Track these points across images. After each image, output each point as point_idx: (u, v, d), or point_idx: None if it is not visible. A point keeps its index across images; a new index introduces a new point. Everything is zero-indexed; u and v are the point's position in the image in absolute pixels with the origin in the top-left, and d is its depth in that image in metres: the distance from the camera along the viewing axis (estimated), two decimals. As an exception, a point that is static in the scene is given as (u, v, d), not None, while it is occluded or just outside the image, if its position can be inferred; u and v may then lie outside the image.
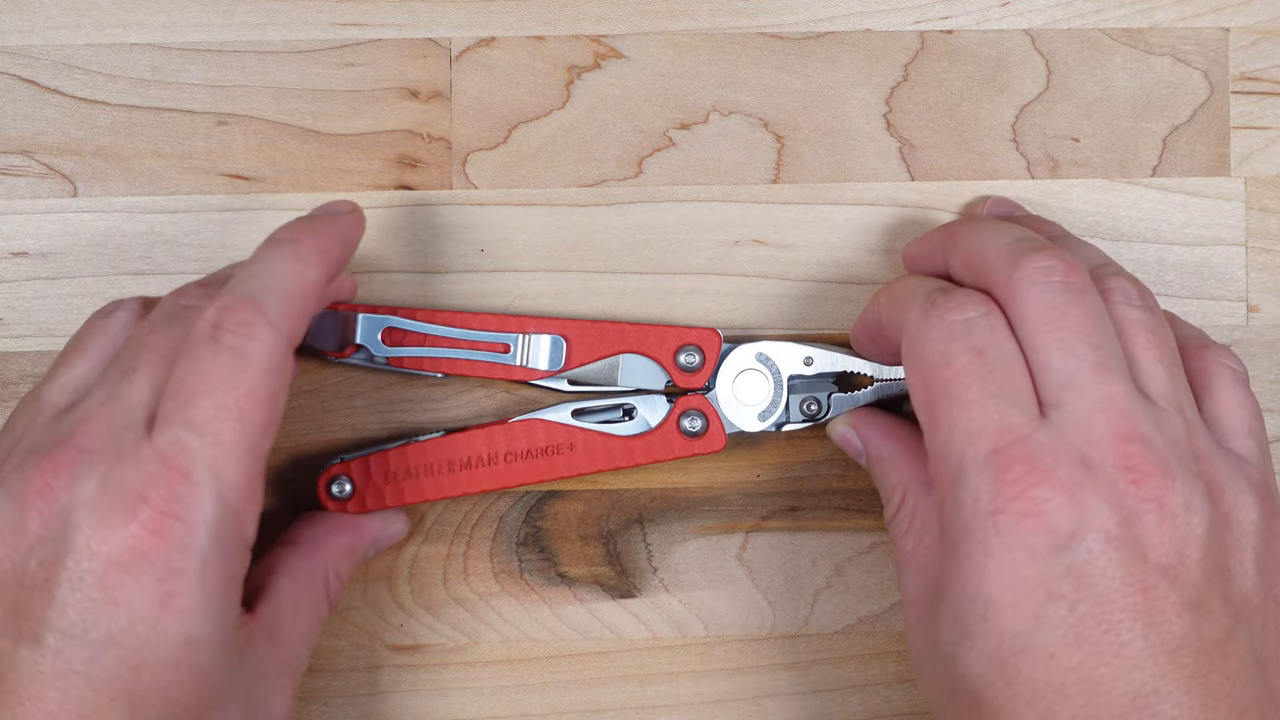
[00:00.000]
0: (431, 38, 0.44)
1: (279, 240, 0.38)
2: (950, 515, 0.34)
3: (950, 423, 0.34)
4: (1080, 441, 0.34)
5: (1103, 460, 0.33)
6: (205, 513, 0.34)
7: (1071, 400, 0.34)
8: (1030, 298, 0.35)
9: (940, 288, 0.37)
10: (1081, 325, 0.35)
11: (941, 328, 0.35)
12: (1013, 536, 0.33)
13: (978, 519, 0.33)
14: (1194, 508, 0.34)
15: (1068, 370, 0.34)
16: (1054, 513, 0.33)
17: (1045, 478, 0.33)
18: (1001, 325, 0.35)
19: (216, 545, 0.34)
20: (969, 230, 0.39)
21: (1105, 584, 0.33)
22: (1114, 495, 0.33)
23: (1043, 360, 0.35)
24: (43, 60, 0.44)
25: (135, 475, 0.34)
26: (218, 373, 0.34)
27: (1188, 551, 0.33)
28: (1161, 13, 0.45)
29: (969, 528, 0.34)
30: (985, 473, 0.33)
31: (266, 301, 0.35)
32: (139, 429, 0.34)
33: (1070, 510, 0.33)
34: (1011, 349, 0.35)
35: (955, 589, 0.34)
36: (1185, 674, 0.33)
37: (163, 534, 0.33)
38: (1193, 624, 0.33)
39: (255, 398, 0.35)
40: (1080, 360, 0.34)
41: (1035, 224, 0.42)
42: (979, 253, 0.37)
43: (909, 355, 0.36)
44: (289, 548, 0.41)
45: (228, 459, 0.34)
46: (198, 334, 0.35)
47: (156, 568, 0.33)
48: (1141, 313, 0.37)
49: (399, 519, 0.43)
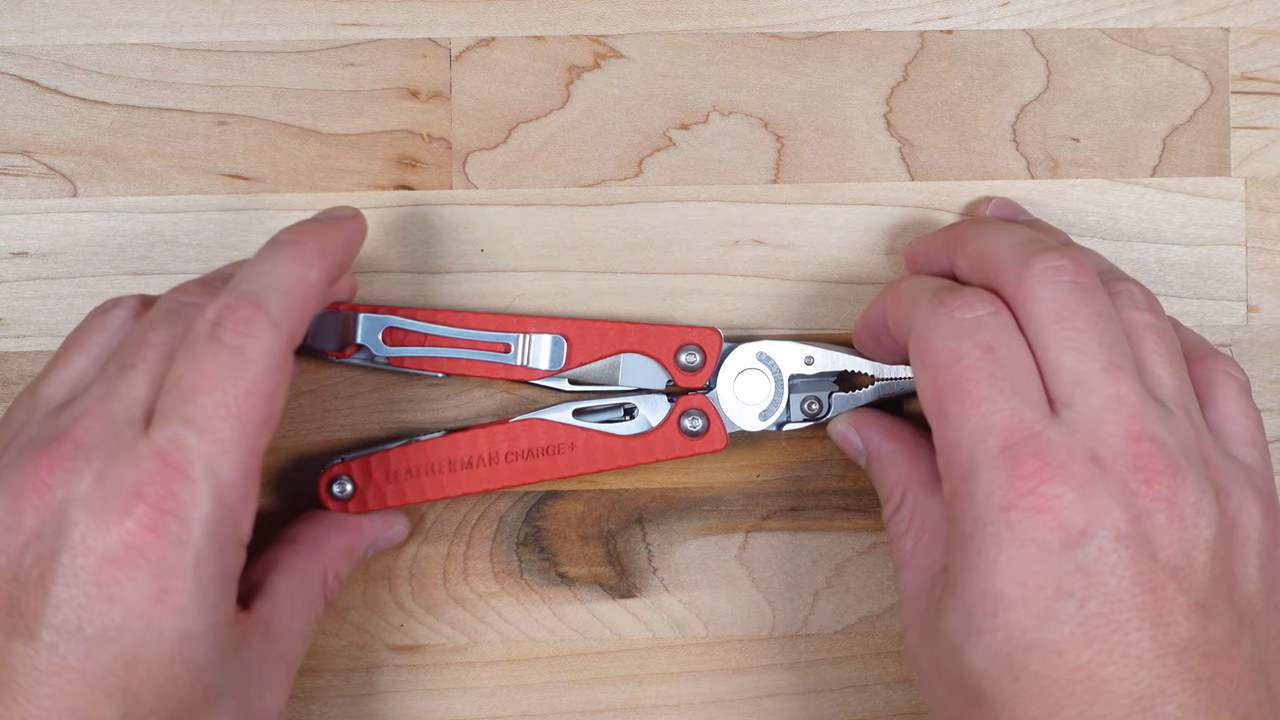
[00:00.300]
0: (431, 38, 0.44)
1: (281, 241, 0.38)
2: (960, 510, 0.34)
3: (961, 418, 0.34)
4: (1091, 439, 0.34)
5: (1114, 459, 0.33)
6: (201, 510, 0.34)
7: (1083, 399, 0.34)
8: (1041, 297, 0.35)
9: (948, 286, 0.37)
10: (1092, 325, 0.35)
11: (951, 325, 0.35)
12: (1024, 532, 0.33)
13: (989, 513, 0.33)
14: (1203, 510, 0.34)
15: (1079, 369, 0.34)
16: (1066, 509, 0.33)
17: (1058, 474, 0.33)
18: (1011, 323, 0.35)
19: (212, 542, 0.34)
20: (977, 230, 0.39)
21: (1115, 582, 0.33)
22: (1125, 494, 0.33)
23: (1053, 359, 0.35)
24: (43, 60, 0.44)
25: (132, 472, 0.34)
26: (217, 370, 0.34)
27: (1196, 553, 0.33)
28: (1161, 13, 0.45)
29: (980, 522, 0.34)
30: (998, 468, 0.33)
31: (268, 300, 0.35)
32: (136, 425, 0.34)
33: (1082, 507, 0.33)
34: (1021, 347, 0.35)
35: (964, 584, 0.34)
36: (1191, 676, 0.33)
37: (158, 530, 0.33)
38: (1199, 626, 0.33)
39: (254, 396, 0.34)
40: (1091, 359, 0.34)
41: (1039, 229, 0.42)
42: (988, 252, 0.37)
43: (917, 353, 0.36)
44: (288, 546, 0.40)
45: (225, 456, 0.34)
46: (198, 331, 0.35)
47: (152, 564, 0.33)
48: (1149, 316, 0.37)
49: (399, 520, 0.43)
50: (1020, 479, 0.33)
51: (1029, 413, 0.34)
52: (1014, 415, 0.34)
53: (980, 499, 0.34)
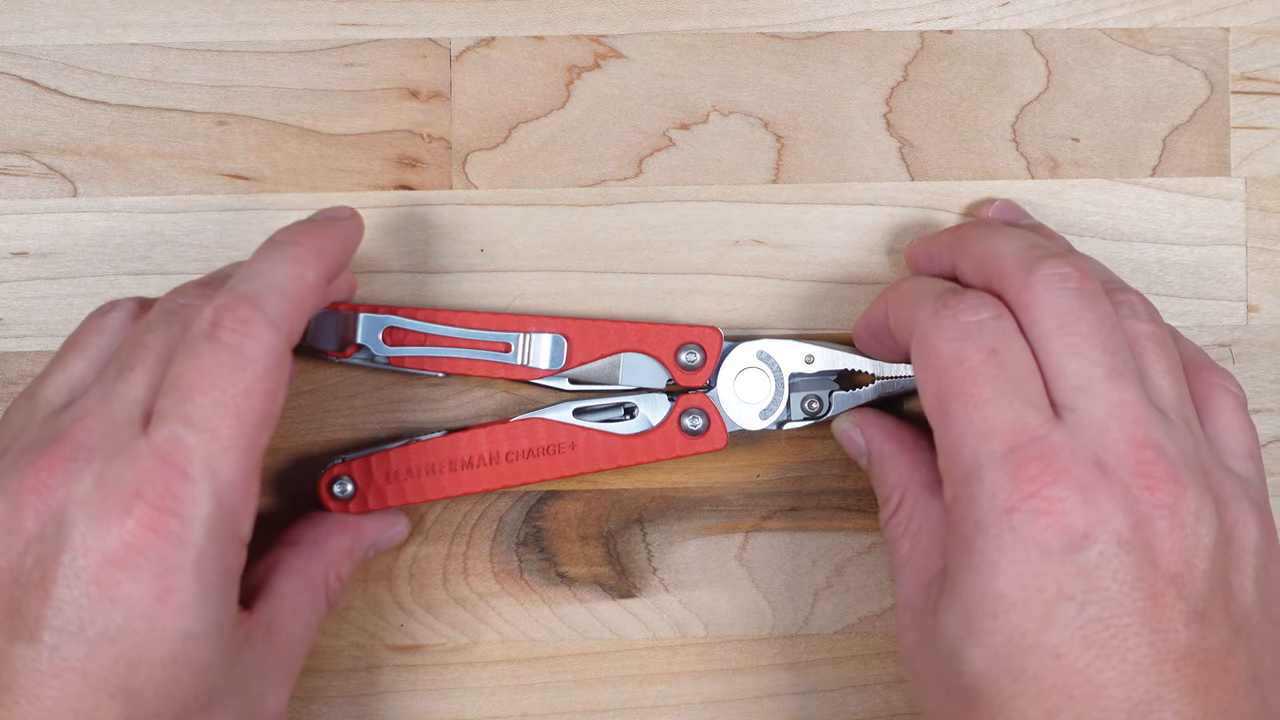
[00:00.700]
0: (431, 38, 0.44)
1: (278, 242, 0.38)
2: (962, 512, 0.34)
3: (964, 420, 0.34)
4: (1095, 444, 0.34)
5: (1117, 464, 0.34)
6: (201, 509, 0.34)
7: (1086, 404, 0.34)
8: (1044, 302, 0.35)
9: (950, 289, 0.37)
10: (1095, 331, 0.35)
11: (954, 327, 0.36)
12: (1027, 534, 0.33)
13: (992, 515, 0.33)
14: (1203, 519, 0.34)
15: (1082, 374, 0.34)
16: (1068, 512, 0.33)
17: (1060, 477, 0.33)
18: (1014, 327, 0.36)
19: (213, 541, 0.34)
20: (980, 233, 0.39)
21: (1115, 587, 0.33)
22: (1127, 499, 0.33)
23: (1056, 364, 0.35)
24: (43, 60, 0.44)
25: (131, 471, 0.34)
26: (215, 370, 0.34)
27: (1195, 561, 0.33)
28: (1161, 13, 0.45)
29: (982, 524, 0.34)
30: (1001, 470, 0.34)
31: (265, 300, 0.35)
32: (135, 426, 0.34)
33: (1084, 511, 0.33)
34: (1024, 350, 0.35)
35: (963, 585, 0.34)
36: (1188, 684, 0.33)
37: (159, 530, 0.33)
38: (1197, 634, 0.33)
39: (253, 395, 0.34)
40: (1095, 365, 0.35)
41: (1042, 234, 0.42)
42: (991, 256, 0.37)
43: (920, 354, 0.36)
44: (289, 548, 0.40)
45: (225, 456, 0.34)
46: (196, 331, 0.35)
47: (153, 564, 0.33)
48: (1150, 326, 0.37)
49: (400, 520, 0.43)
50: (1023, 482, 0.33)
51: (1032, 416, 0.34)
52: (1017, 418, 0.34)
53: (983, 501, 0.34)
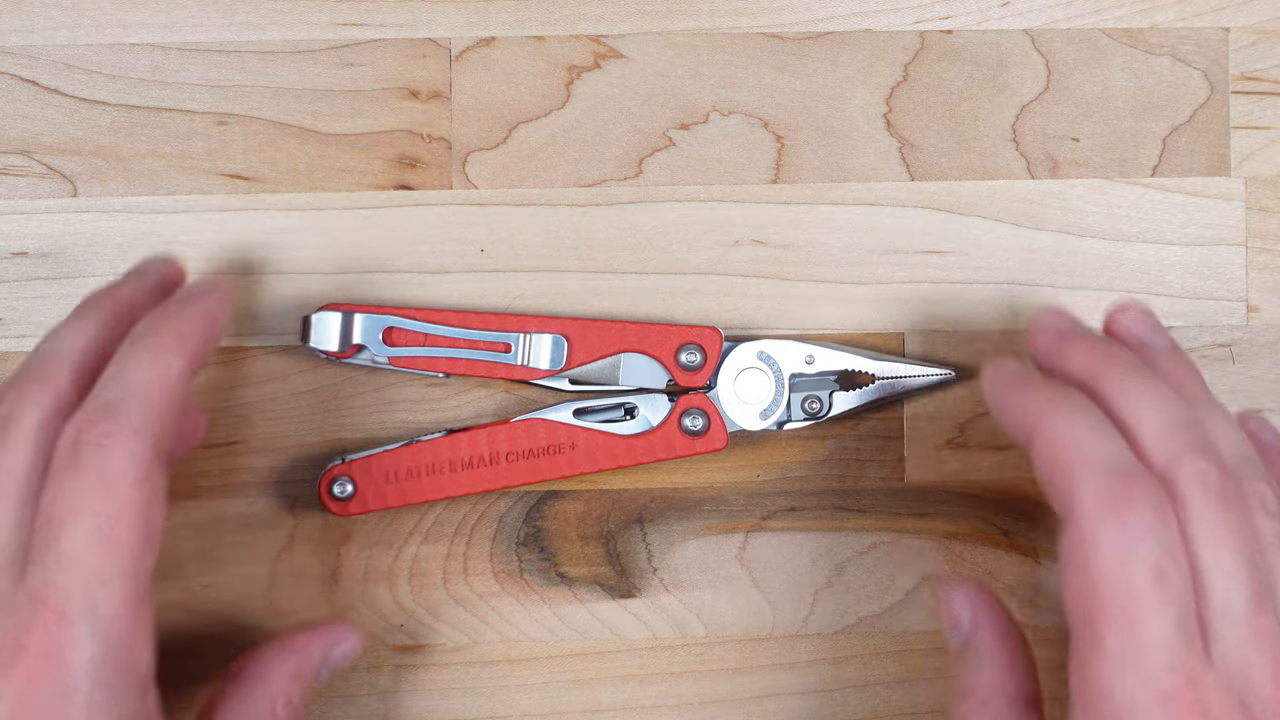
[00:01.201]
0: (431, 38, 0.44)
1: (138, 336, 0.36)
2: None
3: (1120, 652, 0.33)
4: (1241, 685, 0.33)
5: (1264, 710, 0.33)
6: (83, 652, 0.32)
7: (1229, 630, 0.34)
8: (1190, 504, 0.34)
9: (1119, 470, 0.35)
10: (1234, 539, 0.34)
11: (1120, 534, 0.34)
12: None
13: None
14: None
15: (1226, 595, 0.34)
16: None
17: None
18: (1176, 532, 0.34)
19: (101, 684, 0.32)
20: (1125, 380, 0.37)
21: None
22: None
23: (1202, 579, 0.34)
24: (43, 60, 0.44)
25: (11, 622, 0.32)
26: (81, 496, 0.33)
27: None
28: (1161, 13, 0.45)
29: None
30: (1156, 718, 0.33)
31: (125, 407, 0.34)
32: (14, 570, 0.33)
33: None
34: (1184, 562, 0.34)
35: None
36: None
37: (42, 684, 0.31)
38: None
39: (124, 517, 0.33)
40: (1239, 587, 0.34)
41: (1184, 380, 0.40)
42: (1132, 422, 0.36)
43: (1077, 555, 0.34)
44: (231, 682, 0.39)
45: (104, 589, 0.32)
46: (59, 454, 0.33)
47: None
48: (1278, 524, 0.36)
49: (350, 634, 0.41)
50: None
51: (1189, 654, 0.33)
52: (1175, 657, 0.33)
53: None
